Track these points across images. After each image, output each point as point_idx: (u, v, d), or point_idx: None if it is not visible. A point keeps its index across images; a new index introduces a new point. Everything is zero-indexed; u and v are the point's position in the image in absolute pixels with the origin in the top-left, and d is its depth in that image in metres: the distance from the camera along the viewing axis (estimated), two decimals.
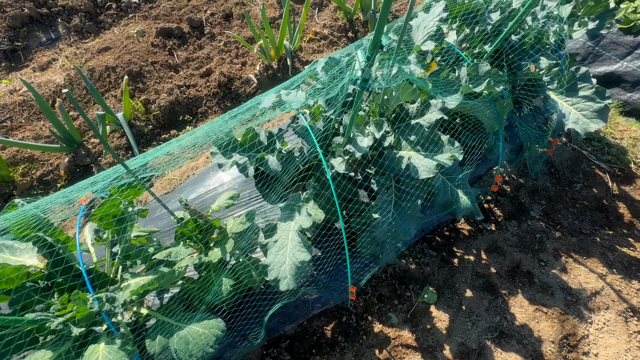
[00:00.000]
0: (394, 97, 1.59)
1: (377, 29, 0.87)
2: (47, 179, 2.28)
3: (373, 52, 0.94)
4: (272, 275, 1.34)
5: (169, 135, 2.50)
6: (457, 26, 1.84)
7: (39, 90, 2.66)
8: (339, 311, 1.81)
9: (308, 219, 1.39)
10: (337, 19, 3.13)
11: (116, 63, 2.71)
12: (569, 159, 2.32)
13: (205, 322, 1.27)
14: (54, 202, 1.31)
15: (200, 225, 1.56)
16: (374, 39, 0.90)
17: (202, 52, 2.88)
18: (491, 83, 1.49)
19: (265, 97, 1.60)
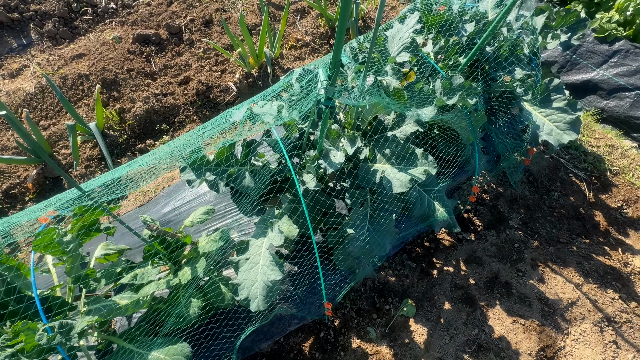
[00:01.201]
0: (368, 110, 1.57)
1: (335, 47, 0.84)
2: (14, 192, 2.18)
3: (334, 71, 0.90)
4: (242, 295, 1.29)
5: (145, 145, 2.43)
6: (432, 37, 1.83)
7: (8, 98, 2.55)
8: (316, 326, 1.77)
9: (280, 237, 1.34)
10: (319, 25, 3.11)
11: (90, 70, 2.63)
12: (546, 168, 2.34)
13: (169, 348, 1.21)
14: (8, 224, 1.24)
15: (170, 244, 1.51)
16: (333, 58, 0.87)
17: (180, 59, 2.82)
18: (464, 96, 1.48)
19: (237, 110, 1.56)
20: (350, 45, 1.83)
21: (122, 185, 1.07)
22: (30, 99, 2.56)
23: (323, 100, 0.99)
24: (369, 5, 3.30)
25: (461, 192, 2.20)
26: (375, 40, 1.21)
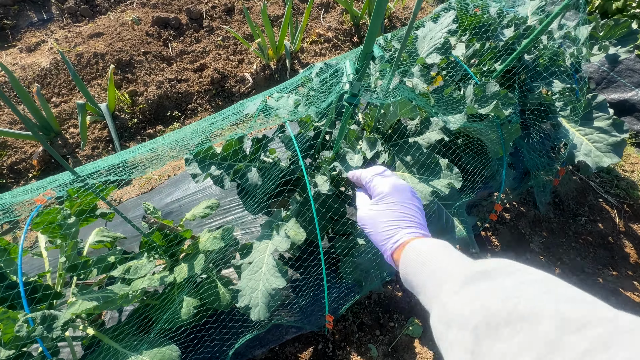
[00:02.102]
0: (391, 112, 1.45)
1: (367, 37, 0.72)
2: (19, 167, 2.13)
3: (363, 63, 0.79)
4: (243, 302, 1.19)
5: (154, 130, 2.36)
6: (466, 39, 1.70)
7: (22, 72, 2.52)
8: (315, 337, 1.67)
9: (285, 242, 1.24)
10: (343, 22, 2.99)
11: (106, 50, 2.57)
12: (574, 190, 2.18)
13: (156, 351, 1.12)
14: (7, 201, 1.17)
15: (169, 237, 1.42)
16: (364, 49, 0.75)
17: (198, 46, 2.74)
18: (499, 105, 1.35)
19: (251, 102, 1.46)
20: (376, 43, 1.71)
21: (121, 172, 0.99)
22: (45, 75, 2.52)
23: (347, 96, 0.88)
24: (396, 5, 3.16)
25: (480, 208, 2.06)
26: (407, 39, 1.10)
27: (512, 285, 0.34)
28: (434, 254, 0.50)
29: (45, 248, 1.37)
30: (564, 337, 0.26)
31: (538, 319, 0.28)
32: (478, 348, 0.31)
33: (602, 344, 0.25)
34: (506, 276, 0.36)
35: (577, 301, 0.30)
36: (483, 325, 0.32)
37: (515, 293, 0.32)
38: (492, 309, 0.32)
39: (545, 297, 0.31)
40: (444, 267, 0.46)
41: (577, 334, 0.26)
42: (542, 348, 0.27)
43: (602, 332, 0.25)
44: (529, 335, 0.28)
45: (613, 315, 0.27)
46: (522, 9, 1.90)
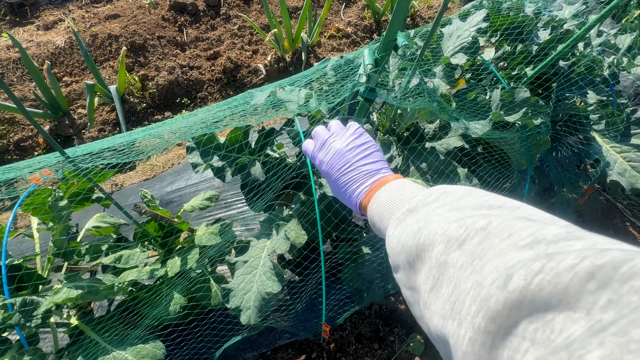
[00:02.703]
0: (409, 113, 1.35)
1: (391, 23, 0.63)
2: (25, 144, 2.11)
3: (384, 53, 0.69)
4: (233, 303, 1.12)
5: (163, 117, 2.31)
6: (496, 41, 1.58)
7: (37, 49, 2.51)
8: (309, 345, 1.58)
9: (285, 243, 1.16)
10: (364, 18, 2.88)
11: (121, 32, 2.54)
12: (600, 211, 2.03)
13: (140, 347, 1.05)
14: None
15: (163, 227, 1.36)
16: (387, 36, 0.66)
17: (213, 34, 2.68)
18: (528, 113, 1.23)
19: (260, 93, 1.38)
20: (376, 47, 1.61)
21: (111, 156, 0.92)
22: (59, 53, 2.50)
23: (362, 90, 0.78)
24: (420, 4, 3.04)
25: None
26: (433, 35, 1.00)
27: (425, 216, 0.34)
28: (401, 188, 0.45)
29: (37, 229, 1.32)
30: (449, 257, 0.27)
31: (433, 244, 0.29)
32: (409, 282, 0.33)
33: (470, 256, 0.25)
34: (426, 206, 0.35)
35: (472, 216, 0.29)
36: (406, 263, 0.33)
37: (424, 224, 0.32)
38: (408, 245, 0.33)
39: (442, 220, 0.31)
40: (396, 204, 0.42)
41: (458, 250, 0.26)
42: (436, 272, 0.27)
43: (474, 242, 0.26)
44: (428, 262, 0.29)
45: (486, 223, 0.26)
46: (558, 13, 1.76)
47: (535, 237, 0.23)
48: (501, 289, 0.21)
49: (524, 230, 0.24)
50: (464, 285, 0.24)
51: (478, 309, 0.22)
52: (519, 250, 0.23)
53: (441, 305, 0.26)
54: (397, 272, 0.36)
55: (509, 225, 0.25)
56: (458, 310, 0.24)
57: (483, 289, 0.22)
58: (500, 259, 0.23)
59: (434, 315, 0.27)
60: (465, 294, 0.24)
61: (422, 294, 0.30)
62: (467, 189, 0.36)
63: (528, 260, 0.21)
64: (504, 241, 0.24)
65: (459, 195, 0.34)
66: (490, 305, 0.21)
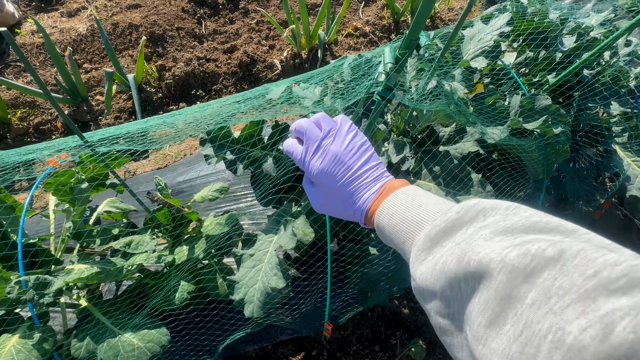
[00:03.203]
0: (424, 116, 1.33)
1: (415, 20, 0.61)
2: (44, 128, 2.17)
3: (405, 52, 0.68)
4: (238, 295, 1.13)
5: (177, 107, 2.34)
6: (518, 46, 1.54)
7: (60, 36, 2.56)
8: (310, 342, 1.58)
9: (292, 240, 1.16)
10: (383, 17, 2.86)
11: (141, 22, 2.57)
12: (616, 227, 1.97)
13: (144, 332, 1.07)
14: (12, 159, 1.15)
15: (175, 217, 1.37)
16: (410, 35, 0.65)
17: (231, 27, 2.70)
18: (548, 122, 1.20)
19: (276, 87, 1.38)
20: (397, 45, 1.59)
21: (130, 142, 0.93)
22: (80, 40, 2.56)
23: (380, 89, 0.77)
24: (441, 5, 2.99)
25: None
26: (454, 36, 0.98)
27: (466, 238, 0.31)
28: (416, 198, 0.41)
29: (53, 211, 1.35)
30: (514, 290, 0.24)
31: (489, 273, 0.26)
32: (451, 311, 0.30)
33: (544, 293, 0.22)
34: (464, 227, 0.32)
35: (531, 241, 0.25)
36: (447, 289, 0.30)
37: (468, 247, 0.29)
38: (449, 270, 0.30)
39: (493, 244, 0.27)
40: (416, 217, 0.39)
41: (525, 283, 0.24)
42: (497, 306, 0.25)
43: (547, 276, 0.23)
44: (485, 293, 0.26)
45: (558, 252, 0.23)
46: (585, 20, 1.71)
47: (630, 279, 0.20)
48: (600, 342, 0.18)
49: (613, 268, 0.21)
50: (538, 327, 0.21)
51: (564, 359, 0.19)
52: (610, 294, 0.20)
53: (505, 344, 0.23)
54: (429, 301, 0.33)
55: (589, 259, 0.22)
56: (532, 355, 0.21)
57: (568, 336, 0.19)
58: (588, 303, 0.20)
59: (493, 355, 0.24)
60: (542, 337, 0.21)
61: (471, 327, 0.27)
62: (508, 204, 0.32)
63: (629, 308, 0.18)
64: (589, 281, 0.21)
65: (503, 216, 0.31)
66: (584, 357, 0.18)
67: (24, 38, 2.55)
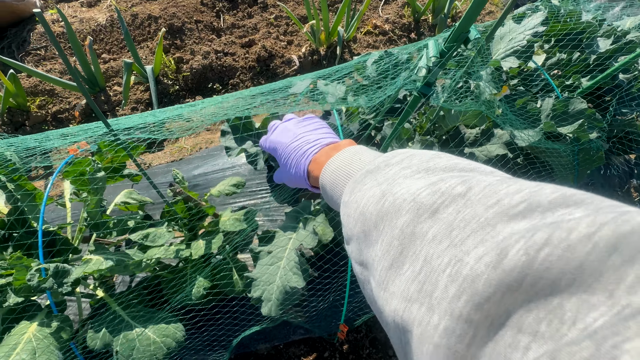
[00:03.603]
0: (452, 116, 1.29)
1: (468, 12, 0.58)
2: (62, 117, 2.17)
3: (452, 45, 0.64)
4: (255, 293, 1.10)
5: (194, 100, 2.33)
6: (550, 47, 1.49)
7: (80, 25, 2.57)
8: (322, 344, 1.56)
9: (313, 238, 1.13)
10: (403, 16, 2.81)
11: (160, 14, 2.57)
12: None
13: (161, 327, 1.06)
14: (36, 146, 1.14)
15: (191, 209, 1.35)
16: (459, 27, 0.61)
17: (249, 21, 2.68)
18: (584, 126, 1.15)
19: (299, 81, 1.35)
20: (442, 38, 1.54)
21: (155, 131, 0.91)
22: (100, 31, 2.56)
23: (419, 85, 0.74)
24: (463, 5, 2.93)
25: None
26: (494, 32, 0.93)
27: (388, 178, 0.29)
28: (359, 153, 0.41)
29: (69, 199, 1.34)
30: (417, 227, 0.23)
31: (398, 212, 0.25)
32: (360, 257, 0.29)
33: (447, 227, 0.21)
34: (388, 167, 0.31)
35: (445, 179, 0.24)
36: (361, 233, 0.28)
37: (388, 187, 0.28)
38: (367, 211, 0.28)
39: (410, 184, 0.26)
40: (354, 169, 0.38)
41: (429, 219, 0.22)
42: (399, 245, 0.23)
43: (451, 211, 0.22)
44: (389, 233, 0.25)
45: (466, 188, 0.22)
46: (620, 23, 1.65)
47: (529, 204, 0.19)
48: (493, 268, 0.17)
49: (514, 195, 0.20)
50: (438, 262, 0.20)
51: (459, 292, 0.18)
52: (510, 219, 0.19)
53: (404, 285, 0.21)
54: (349, 244, 0.31)
55: (494, 190, 0.21)
56: (429, 292, 0.20)
57: (465, 267, 0.18)
58: (487, 231, 0.19)
59: (393, 298, 0.22)
60: (440, 272, 0.19)
61: (376, 271, 0.25)
62: (435, 152, 0.31)
63: (525, 231, 0.17)
64: (491, 209, 0.20)
65: (427, 158, 0.30)
66: (477, 287, 0.17)
67: None
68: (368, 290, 0.28)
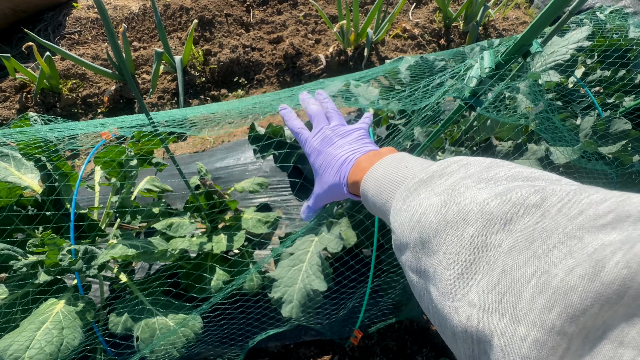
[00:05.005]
0: (487, 127, 1.25)
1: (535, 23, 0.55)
2: (91, 101, 2.22)
3: (511, 57, 0.62)
4: (276, 294, 1.10)
5: (219, 93, 2.35)
6: (592, 62, 1.43)
7: (113, 12, 2.62)
8: (333, 347, 1.55)
9: (338, 243, 1.12)
10: (434, 21, 2.76)
11: (192, 5, 2.60)
12: None
13: (181, 317, 1.06)
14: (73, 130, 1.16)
15: (215, 203, 1.36)
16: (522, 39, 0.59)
17: (278, 18, 2.68)
18: (628, 148, 1.10)
19: (332, 82, 1.34)
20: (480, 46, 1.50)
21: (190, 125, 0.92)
22: (132, 19, 2.61)
23: (467, 93, 0.72)
24: (497, 13, 2.86)
25: None
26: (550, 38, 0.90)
27: (446, 189, 0.29)
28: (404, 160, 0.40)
29: (99, 183, 1.37)
30: (489, 238, 0.22)
31: (465, 222, 0.24)
32: (418, 265, 0.28)
33: (525, 238, 0.21)
34: (443, 177, 0.30)
35: (513, 189, 0.24)
36: (418, 242, 0.28)
37: (449, 197, 0.27)
38: (426, 220, 0.28)
39: (475, 194, 0.26)
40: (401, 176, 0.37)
41: (502, 230, 0.22)
42: (469, 255, 0.23)
43: (527, 221, 0.21)
44: (455, 243, 0.24)
45: (540, 199, 0.22)
46: None
47: (618, 214, 0.18)
48: (589, 280, 0.16)
49: (598, 205, 0.19)
50: (519, 273, 0.20)
51: (549, 304, 0.17)
52: (598, 230, 0.18)
53: (479, 295, 0.21)
54: (404, 252, 0.31)
55: (574, 200, 0.20)
56: (511, 303, 0.19)
57: (554, 279, 0.18)
58: (575, 242, 0.18)
59: (465, 307, 0.22)
60: (524, 283, 0.19)
61: (440, 280, 0.25)
62: (491, 160, 0.30)
63: (620, 243, 0.17)
64: (574, 220, 0.19)
65: (485, 166, 0.29)
66: (571, 300, 0.17)
67: (80, 12, 2.63)
68: (426, 299, 0.28)
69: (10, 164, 1.23)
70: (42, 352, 0.81)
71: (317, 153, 0.53)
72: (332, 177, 0.49)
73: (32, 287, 0.99)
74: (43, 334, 0.84)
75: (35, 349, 0.81)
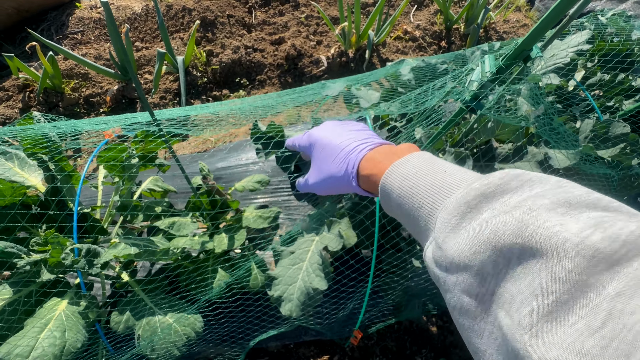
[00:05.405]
0: (488, 129, 1.26)
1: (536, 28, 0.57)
2: (93, 101, 2.23)
3: (512, 62, 0.63)
4: (276, 292, 1.10)
5: (220, 93, 2.36)
6: (592, 65, 1.44)
7: (116, 13, 2.64)
8: (332, 347, 1.55)
9: (338, 242, 1.13)
10: (434, 23, 2.77)
11: (194, 6, 2.61)
12: None
13: (181, 316, 1.07)
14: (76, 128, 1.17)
15: (216, 202, 1.37)
16: (523, 43, 0.60)
17: (280, 19, 2.69)
18: (627, 151, 1.11)
19: (334, 84, 1.35)
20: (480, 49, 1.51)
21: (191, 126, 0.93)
22: (135, 19, 2.62)
23: (468, 97, 0.73)
24: (497, 16, 2.87)
25: None
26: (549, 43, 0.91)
27: (515, 207, 0.26)
28: (437, 163, 0.38)
29: (102, 182, 1.38)
30: (591, 278, 0.21)
31: (559, 254, 0.22)
32: (484, 290, 0.26)
33: (636, 283, 0.19)
34: (507, 194, 0.28)
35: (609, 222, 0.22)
36: (489, 264, 0.26)
37: (526, 217, 0.25)
38: (496, 243, 0.26)
39: (565, 222, 0.23)
40: (438, 182, 0.34)
41: (607, 271, 0.21)
42: (564, 293, 0.21)
43: (638, 266, 0.20)
44: (545, 276, 0.22)
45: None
46: None
47: None
48: None
49: None
50: (632, 319, 0.18)
51: None
52: None
53: (574, 338, 0.20)
54: (456, 273, 0.28)
55: None
56: (624, 351, 0.18)
57: None
58: None
59: (551, 348, 0.20)
60: (638, 332, 0.18)
61: (516, 312, 0.23)
62: (557, 178, 0.29)
63: None
64: None
65: (554, 185, 0.27)
66: None
67: (83, 12, 2.64)
68: (469, 323, 0.27)
69: (14, 163, 1.24)
70: (45, 356, 0.81)
71: (317, 141, 0.50)
72: (335, 167, 0.45)
73: (36, 287, 0.99)
74: (46, 337, 0.85)
75: (38, 352, 0.81)
